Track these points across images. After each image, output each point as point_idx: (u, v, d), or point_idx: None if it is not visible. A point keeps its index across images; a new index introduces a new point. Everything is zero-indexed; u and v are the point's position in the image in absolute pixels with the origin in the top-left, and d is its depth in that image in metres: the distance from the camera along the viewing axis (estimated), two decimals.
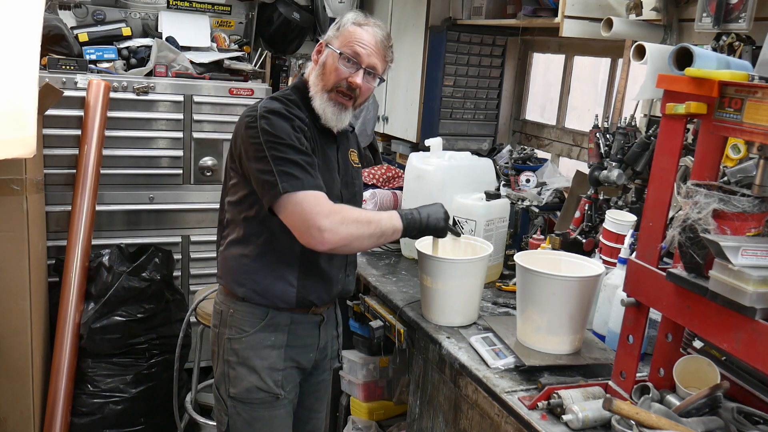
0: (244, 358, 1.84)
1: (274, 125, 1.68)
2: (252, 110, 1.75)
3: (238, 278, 1.84)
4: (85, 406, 2.84)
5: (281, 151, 1.66)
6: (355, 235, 1.67)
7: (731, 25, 1.84)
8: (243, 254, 1.83)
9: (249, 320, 1.84)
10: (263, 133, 1.67)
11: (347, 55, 1.76)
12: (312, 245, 1.65)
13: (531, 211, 2.58)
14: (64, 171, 3.00)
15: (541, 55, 3.38)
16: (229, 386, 1.86)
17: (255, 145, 1.68)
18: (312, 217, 1.62)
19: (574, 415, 1.43)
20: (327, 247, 1.65)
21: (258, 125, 1.69)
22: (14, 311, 2.61)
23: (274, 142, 1.67)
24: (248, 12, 3.80)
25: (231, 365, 1.85)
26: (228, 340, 1.86)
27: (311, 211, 1.63)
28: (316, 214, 1.62)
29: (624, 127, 2.19)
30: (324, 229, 1.62)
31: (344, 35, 1.79)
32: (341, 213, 1.67)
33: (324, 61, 1.80)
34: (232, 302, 1.86)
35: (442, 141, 2.48)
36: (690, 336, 1.61)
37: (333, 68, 1.77)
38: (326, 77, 1.79)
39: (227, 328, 1.86)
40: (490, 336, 1.87)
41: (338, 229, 1.64)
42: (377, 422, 2.68)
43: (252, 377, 1.84)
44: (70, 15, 3.39)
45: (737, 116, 1.20)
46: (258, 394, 1.85)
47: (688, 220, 1.20)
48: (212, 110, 3.27)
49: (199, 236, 3.38)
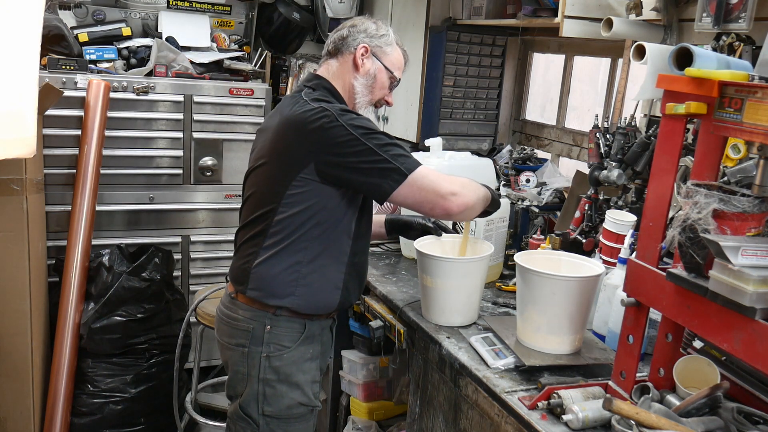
0: (286, 374, 1.80)
1: (358, 120, 1.71)
2: (317, 112, 1.69)
3: (286, 287, 1.77)
4: (85, 406, 2.84)
5: (381, 139, 1.69)
6: (477, 196, 1.79)
7: (731, 25, 1.84)
8: (296, 262, 1.76)
9: (289, 335, 1.80)
10: (353, 128, 1.67)
11: (396, 79, 1.89)
12: (447, 210, 1.73)
13: (531, 211, 2.58)
14: (64, 171, 3.00)
15: (541, 55, 3.38)
16: (264, 405, 1.81)
17: (349, 141, 1.67)
18: (443, 186, 1.71)
19: (574, 415, 1.43)
20: (460, 209, 1.74)
21: (342, 123, 1.67)
22: (14, 311, 2.61)
23: (369, 133, 1.68)
24: (248, 12, 3.81)
25: (269, 384, 1.80)
26: (266, 358, 1.79)
27: (438, 180, 1.71)
28: (443, 182, 1.72)
29: (624, 127, 2.19)
30: (456, 192, 1.72)
31: (395, 56, 1.90)
32: (458, 179, 1.77)
33: (375, 74, 1.86)
34: (268, 318, 1.79)
35: (442, 141, 2.48)
36: (690, 336, 1.61)
37: (383, 86, 1.88)
38: (375, 92, 1.87)
39: (263, 346, 1.79)
40: (490, 336, 1.87)
41: (465, 192, 1.75)
42: (377, 422, 2.67)
43: (294, 393, 1.82)
44: (70, 15, 3.39)
45: (737, 116, 1.20)
46: (298, 410, 1.83)
47: (688, 220, 1.20)
48: (212, 110, 3.27)
49: (199, 236, 3.38)
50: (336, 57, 1.88)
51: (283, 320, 1.80)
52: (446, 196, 1.71)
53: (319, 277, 1.79)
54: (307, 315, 1.82)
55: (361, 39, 1.85)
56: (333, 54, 1.89)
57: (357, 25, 1.88)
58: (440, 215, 1.75)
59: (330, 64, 1.89)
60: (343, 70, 1.86)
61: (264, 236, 1.78)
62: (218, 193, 3.36)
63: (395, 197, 1.71)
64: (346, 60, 1.86)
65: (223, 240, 3.40)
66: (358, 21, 1.90)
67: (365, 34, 1.86)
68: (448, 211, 1.73)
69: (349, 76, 1.86)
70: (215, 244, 3.41)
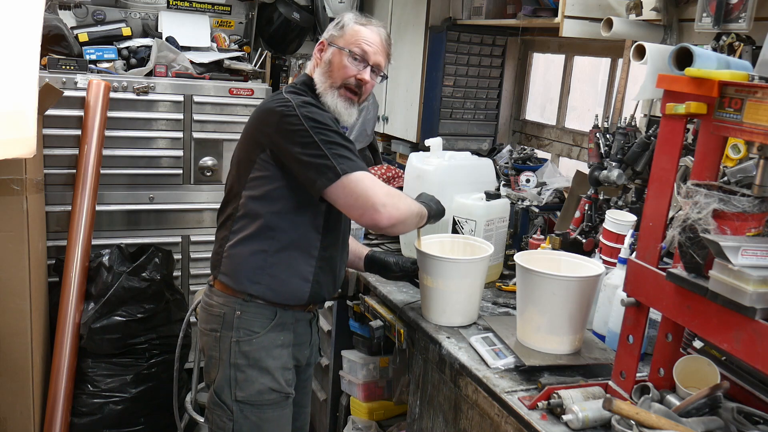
0: (256, 359, 1.82)
1: (315, 114, 1.72)
2: (282, 101, 1.75)
3: (252, 275, 1.81)
4: (85, 406, 2.84)
5: (330, 137, 1.70)
6: (409, 212, 1.79)
7: (731, 25, 1.84)
8: (261, 249, 1.80)
9: (258, 321, 1.83)
10: (306, 119, 1.70)
11: (355, 54, 1.83)
12: (375, 221, 1.71)
13: (531, 211, 2.58)
14: (64, 171, 3.00)
15: (541, 55, 3.38)
16: (236, 390, 1.83)
17: (299, 131, 1.69)
18: (374, 194, 1.69)
19: (574, 415, 1.43)
20: (389, 222, 1.72)
21: (299, 113, 1.70)
22: (14, 311, 2.61)
23: (320, 128, 1.70)
24: (248, 12, 3.80)
25: (239, 368, 1.83)
26: (236, 342, 1.82)
27: (372, 188, 1.70)
28: (377, 191, 1.70)
29: (624, 127, 2.19)
30: (387, 204, 1.70)
31: (350, 34, 1.86)
32: (395, 192, 1.77)
33: (330, 59, 1.85)
34: (238, 303, 1.83)
35: (442, 141, 2.48)
36: (690, 336, 1.61)
37: (340, 65, 1.83)
38: (333, 74, 1.84)
39: (233, 331, 1.83)
40: (490, 336, 1.87)
41: (398, 204, 1.74)
42: (377, 422, 2.68)
43: (264, 378, 1.83)
44: (70, 15, 3.39)
45: (737, 116, 1.20)
46: (270, 395, 1.84)
47: (688, 220, 1.20)
48: (212, 110, 3.27)
49: (199, 236, 3.38)
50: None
51: (253, 306, 1.83)
52: (377, 206, 1.69)
53: (286, 269, 1.81)
54: (278, 304, 1.84)
55: (323, 38, 1.90)
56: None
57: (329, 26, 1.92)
58: (368, 224, 1.73)
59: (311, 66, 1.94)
60: (312, 70, 1.91)
61: (233, 220, 1.84)
62: (218, 193, 3.33)
63: (327, 195, 1.71)
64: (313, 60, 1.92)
65: None
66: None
67: (326, 31, 1.91)
68: (376, 222, 1.71)
69: (314, 72, 1.89)
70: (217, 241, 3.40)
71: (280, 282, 1.81)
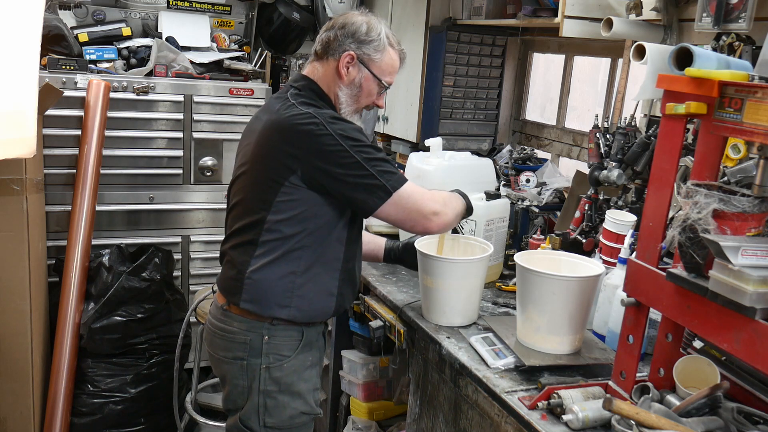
0: (287, 384, 1.77)
1: (347, 129, 1.66)
2: (306, 117, 1.65)
3: (281, 299, 1.73)
4: (85, 406, 2.84)
5: (370, 153, 1.66)
6: (455, 215, 1.82)
7: (731, 25, 1.84)
8: (290, 272, 1.72)
9: (288, 344, 1.77)
10: (343, 138, 1.63)
11: (385, 86, 1.83)
12: (427, 229, 1.77)
13: (531, 211, 2.58)
14: (64, 171, 3.00)
15: (541, 55, 3.38)
16: (266, 417, 1.77)
17: (338, 152, 1.63)
18: (426, 204, 1.73)
19: (574, 415, 1.43)
20: (440, 228, 1.79)
21: (331, 131, 1.63)
22: (14, 311, 2.61)
23: (359, 146, 1.65)
24: (248, 12, 3.81)
25: (270, 395, 1.77)
26: (266, 369, 1.75)
27: (423, 198, 1.73)
28: (427, 200, 1.74)
29: (624, 127, 2.19)
30: (438, 212, 1.75)
31: (386, 62, 1.80)
32: (438, 194, 1.80)
33: (360, 83, 1.78)
34: (264, 328, 1.75)
35: (442, 141, 2.48)
36: (690, 336, 1.61)
37: (369, 93, 1.81)
38: (361, 101, 1.82)
39: (262, 357, 1.75)
40: (490, 336, 1.87)
41: (446, 209, 1.78)
42: (377, 422, 2.67)
43: (296, 403, 1.79)
44: (70, 15, 3.39)
45: (737, 116, 1.20)
46: (301, 419, 1.81)
47: (688, 220, 1.20)
48: (212, 110, 3.27)
49: (199, 236, 3.38)
50: (322, 60, 1.80)
51: (281, 329, 1.76)
52: (428, 216, 1.74)
53: (314, 286, 1.76)
54: (304, 323, 1.80)
55: (348, 45, 1.75)
56: (320, 56, 1.80)
57: (347, 26, 1.76)
58: (419, 232, 1.80)
59: (315, 67, 1.81)
60: (328, 76, 1.78)
61: (255, 245, 1.72)
62: (218, 193, 3.36)
63: (379, 214, 1.71)
64: (331, 66, 1.77)
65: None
66: (349, 20, 1.77)
67: (353, 38, 1.75)
68: (427, 230, 1.78)
69: (333, 83, 1.78)
70: (215, 244, 3.40)
71: (308, 301, 1.76)
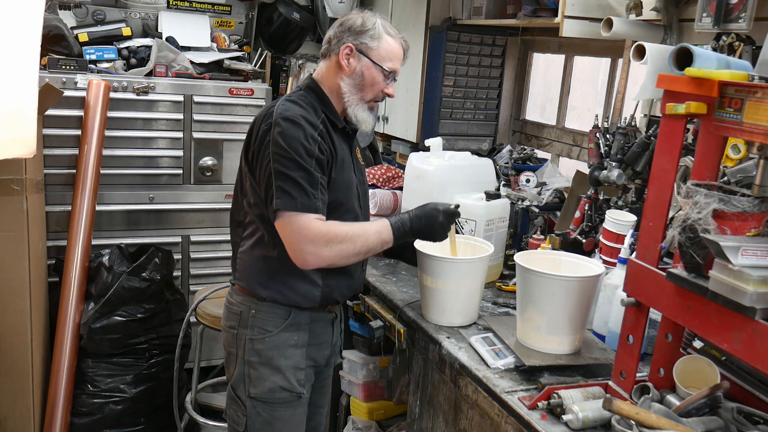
0: (268, 358, 1.84)
1: (285, 135, 1.69)
2: (269, 114, 1.74)
3: (262, 280, 1.83)
4: (85, 406, 2.84)
5: (284, 165, 1.67)
6: (340, 255, 1.72)
7: (731, 25, 1.84)
8: (268, 255, 1.81)
9: (272, 320, 1.84)
10: (273, 144, 1.69)
11: (389, 72, 1.83)
12: (297, 264, 1.72)
13: (531, 211, 2.58)
14: (64, 171, 3.00)
15: (541, 55, 3.38)
16: (250, 387, 1.86)
17: (265, 154, 1.71)
18: (298, 240, 1.68)
19: (574, 415, 1.43)
20: (310, 268, 1.74)
21: (272, 133, 1.70)
22: (14, 311, 2.61)
23: (280, 155, 1.68)
24: (248, 12, 3.81)
25: (252, 366, 1.85)
26: (250, 340, 1.85)
27: (298, 233, 1.68)
28: (303, 238, 1.68)
29: (624, 127, 2.19)
30: (307, 252, 1.69)
31: (385, 49, 1.82)
32: (327, 235, 1.69)
33: (362, 72, 1.81)
34: (253, 303, 1.85)
35: (442, 141, 2.48)
36: (690, 336, 1.61)
37: (373, 81, 1.82)
38: (366, 90, 1.83)
39: (248, 329, 1.85)
40: (490, 336, 1.87)
41: (321, 252, 1.69)
42: (377, 422, 2.68)
43: (276, 377, 1.85)
44: (70, 15, 3.39)
45: (737, 116, 1.20)
46: (281, 394, 1.86)
47: (688, 220, 1.20)
48: (212, 110, 3.27)
49: (199, 236, 3.38)
50: (325, 59, 1.87)
51: (267, 306, 1.84)
52: (296, 252, 1.69)
53: (293, 273, 1.80)
54: (291, 305, 1.84)
55: (346, 38, 1.81)
56: (324, 55, 1.88)
57: (344, 23, 1.84)
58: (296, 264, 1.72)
59: (320, 67, 1.89)
60: (330, 72, 1.84)
61: (243, 227, 1.87)
62: (218, 193, 3.36)
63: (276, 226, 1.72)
64: (333, 61, 1.84)
65: (223, 240, 3.39)
66: (347, 18, 1.85)
67: (350, 32, 1.82)
68: (302, 264, 1.72)
69: (336, 77, 1.83)
70: (215, 244, 3.41)
71: (289, 286, 1.82)
